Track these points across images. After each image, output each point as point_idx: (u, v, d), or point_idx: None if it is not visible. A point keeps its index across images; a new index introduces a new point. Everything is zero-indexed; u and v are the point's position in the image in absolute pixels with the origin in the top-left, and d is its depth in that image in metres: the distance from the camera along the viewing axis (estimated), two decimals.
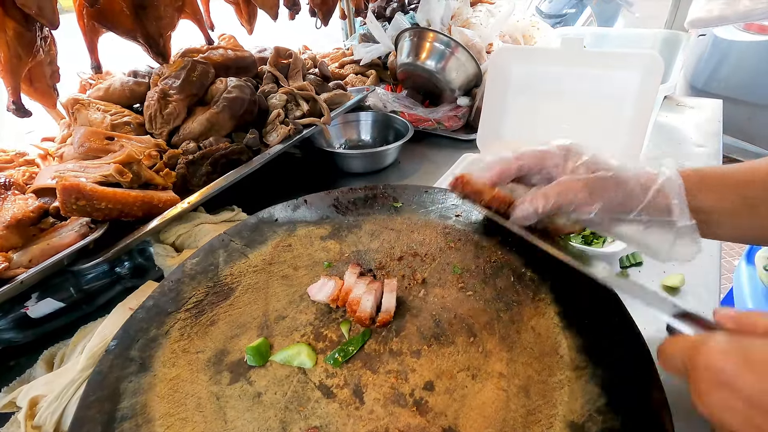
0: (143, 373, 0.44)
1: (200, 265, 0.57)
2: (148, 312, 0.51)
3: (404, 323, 0.48)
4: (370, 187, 0.69)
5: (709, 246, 0.71)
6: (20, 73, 0.69)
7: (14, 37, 0.66)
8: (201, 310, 0.51)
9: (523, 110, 0.89)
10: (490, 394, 0.40)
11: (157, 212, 0.67)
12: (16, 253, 0.57)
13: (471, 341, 0.45)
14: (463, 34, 1.17)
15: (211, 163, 0.79)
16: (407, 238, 0.60)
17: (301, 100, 0.96)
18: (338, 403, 0.41)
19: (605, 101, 0.79)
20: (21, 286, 0.53)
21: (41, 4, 0.63)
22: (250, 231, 0.63)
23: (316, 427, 0.39)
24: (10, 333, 0.59)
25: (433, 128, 1.17)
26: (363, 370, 0.44)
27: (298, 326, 0.49)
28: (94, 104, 0.83)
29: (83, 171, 0.66)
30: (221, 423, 0.40)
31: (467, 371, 0.42)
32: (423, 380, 0.42)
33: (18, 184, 0.68)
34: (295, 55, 1.06)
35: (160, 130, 0.84)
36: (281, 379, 0.44)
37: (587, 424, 0.36)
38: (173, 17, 0.88)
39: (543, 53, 0.87)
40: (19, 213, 0.57)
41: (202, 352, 0.47)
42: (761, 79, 2.16)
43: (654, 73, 0.73)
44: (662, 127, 1.17)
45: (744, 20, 1.05)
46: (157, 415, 0.40)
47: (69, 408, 0.46)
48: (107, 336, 0.54)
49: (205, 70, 0.88)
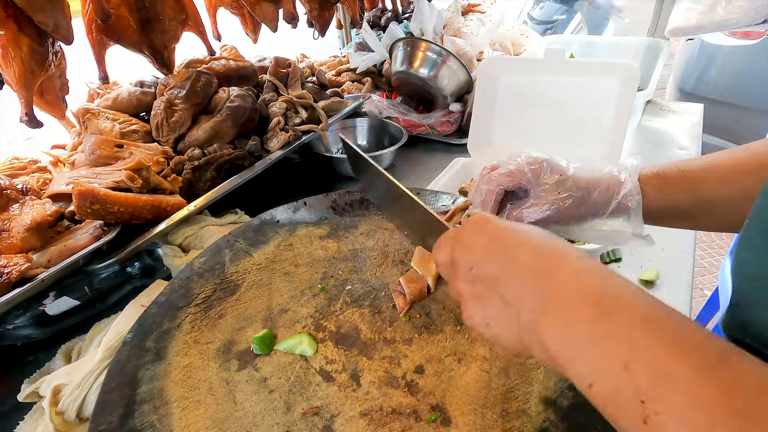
0: (159, 362, 0.49)
1: (208, 263, 0.62)
2: (161, 307, 0.55)
3: (397, 314, 0.52)
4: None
5: (684, 241, 0.75)
6: (33, 87, 0.74)
7: (28, 52, 0.70)
8: (210, 304, 0.56)
9: (511, 116, 0.93)
10: (474, 375, 0.44)
11: (165, 215, 0.72)
12: (35, 254, 0.61)
13: (458, 329, 0.49)
14: (454, 43, 1.22)
15: (215, 168, 0.83)
16: (400, 237, 0.64)
17: (300, 108, 1.00)
18: (337, 386, 0.45)
19: (587, 108, 0.84)
20: (41, 284, 0.57)
21: (57, 22, 0.68)
22: (253, 232, 0.67)
23: (318, 407, 0.43)
24: (29, 329, 0.63)
25: (426, 133, 1.21)
26: (359, 356, 0.48)
27: (299, 318, 0.53)
28: (104, 113, 0.88)
29: (96, 177, 0.70)
30: (231, 405, 0.44)
31: (454, 356, 0.47)
32: (414, 364, 0.46)
33: (34, 189, 0.72)
34: (294, 64, 1.11)
35: (167, 138, 0.88)
36: (285, 365, 0.48)
37: (559, 399, 0.41)
38: (177, 30, 0.93)
39: (528, 63, 0.92)
40: (38, 217, 0.61)
41: (211, 343, 0.51)
42: (746, 82, 2.23)
43: (631, 81, 0.77)
44: (646, 131, 1.22)
45: (719, 29, 1.11)
46: (173, 398, 0.45)
47: (90, 395, 0.50)
48: (121, 330, 0.57)
49: (208, 81, 0.92)
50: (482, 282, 0.33)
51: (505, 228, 0.33)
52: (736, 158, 0.43)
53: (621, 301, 0.26)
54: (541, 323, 0.28)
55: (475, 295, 0.34)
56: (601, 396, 0.25)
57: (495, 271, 0.32)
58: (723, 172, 0.43)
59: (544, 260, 0.30)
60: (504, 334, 0.32)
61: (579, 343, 0.26)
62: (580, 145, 0.86)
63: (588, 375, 0.26)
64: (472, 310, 0.34)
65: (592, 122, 0.84)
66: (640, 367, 0.23)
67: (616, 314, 0.26)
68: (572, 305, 0.27)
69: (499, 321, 0.32)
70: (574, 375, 0.27)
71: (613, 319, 0.25)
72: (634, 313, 0.25)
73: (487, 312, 0.32)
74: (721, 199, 0.43)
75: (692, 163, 0.45)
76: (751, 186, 0.39)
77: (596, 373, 0.25)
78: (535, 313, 0.29)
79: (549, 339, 0.28)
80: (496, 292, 0.32)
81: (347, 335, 0.50)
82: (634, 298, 0.26)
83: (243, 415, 0.43)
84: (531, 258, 0.31)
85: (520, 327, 0.30)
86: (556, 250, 0.31)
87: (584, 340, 0.26)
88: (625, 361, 0.24)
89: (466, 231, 0.35)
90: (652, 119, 1.29)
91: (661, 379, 0.22)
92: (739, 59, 2.28)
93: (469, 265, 0.33)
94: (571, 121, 0.87)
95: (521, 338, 0.30)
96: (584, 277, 0.28)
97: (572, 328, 0.27)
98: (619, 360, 0.24)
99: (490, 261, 0.32)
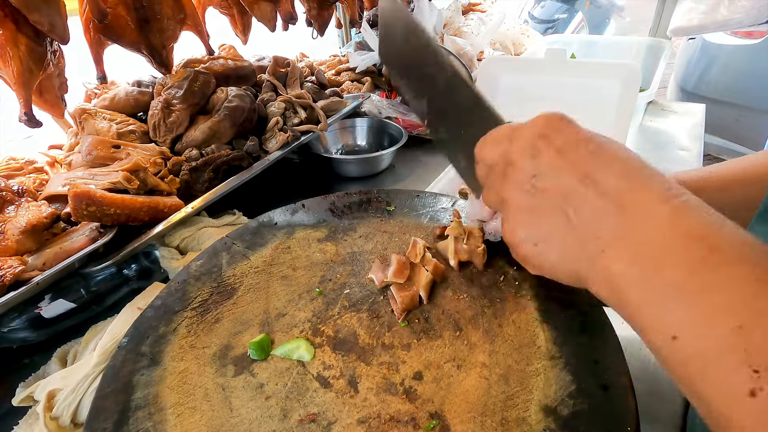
0: (154, 367, 0.48)
1: (204, 266, 0.61)
2: (157, 311, 0.54)
3: (395, 319, 0.52)
4: (365, 192, 0.72)
5: None
6: (32, 86, 0.73)
7: (26, 52, 0.70)
8: (206, 308, 0.55)
9: (511, 117, 0.92)
10: (474, 382, 0.44)
11: (162, 217, 0.71)
12: (31, 256, 0.60)
13: (457, 335, 0.49)
14: (455, 43, 1.21)
15: (213, 169, 0.82)
16: (399, 240, 0.63)
17: (299, 108, 1.00)
18: (334, 393, 0.44)
19: (588, 109, 0.83)
20: (36, 287, 0.57)
21: (53, 21, 0.67)
22: (251, 234, 0.66)
23: (315, 413, 0.43)
24: (25, 332, 0.62)
25: (426, 133, 1.21)
26: (357, 362, 0.47)
27: (297, 323, 0.53)
28: (101, 113, 0.87)
29: (92, 178, 0.70)
30: (227, 411, 0.44)
31: (453, 362, 0.46)
32: (412, 371, 0.46)
33: (30, 191, 0.72)
34: (293, 63, 1.10)
35: (164, 138, 0.87)
36: (282, 371, 0.47)
37: (559, 407, 0.40)
38: (175, 30, 0.92)
39: (529, 63, 0.92)
40: (33, 219, 0.61)
41: (208, 348, 0.50)
42: (748, 82, 2.22)
43: (632, 81, 0.77)
44: (647, 131, 1.21)
45: (721, 29, 1.10)
46: (168, 404, 0.44)
47: (84, 400, 0.50)
48: (118, 334, 0.57)
49: (206, 80, 0.92)
50: (544, 194, 0.28)
51: (587, 137, 0.28)
52: (735, 168, 0.42)
53: (734, 250, 0.22)
54: (617, 258, 0.24)
55: (529, 208, 0.29)
56: (687, 352, 0.21)
57: (566, 185, 0.27)
58: (722, 181, 0.42)
59: (638, 189, 0.25)
60: (556, 258, 0.28)
61: (671, 288, 0.22)
62: None
63: (674, 325, 0.22)
64: (519, 224, 0.29)
65: (593, 123, 0.83)
66: (761, 332, 0.19)
67: (730, 264, 0.21)
68: (670, 244, 0.23)
69: (553, 242, 0.27)
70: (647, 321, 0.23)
71: (726, 269, 0.21)
72: (754, 267, 0.21)
73: (540, 229, 0.28)
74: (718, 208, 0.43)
75: (691, 174, 0.45)
76: (750, 195, 0.39)
77: (689, 325, 0.21)
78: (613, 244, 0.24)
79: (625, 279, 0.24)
80: (560, 209, 0.27)
81: (345, 340, 0.50)
82: (756, 248, 0.22)
83: (239, 421, 0.42)
84: (618, 182, 0.25)
85: (585, 255, 0.26)
86: (653, 180, 0.25)
87: (680, 286, 0.22)
88: (740, 320, 0.20)
89: (535, 128, 0.29)
90: (653, 119, 1.28)
91: None
92: (741, 59, 2.27)
93: (531, 172, 0.28)
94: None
95: (579, 268, 0.26)
96: (690, 215, 0.23)
97: (665, 271, 0.23)
98: (732, 317, 0.20)
99: (562, 173, 0.27)
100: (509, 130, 0.32)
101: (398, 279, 0.53)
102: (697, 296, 0.21)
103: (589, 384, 0.41)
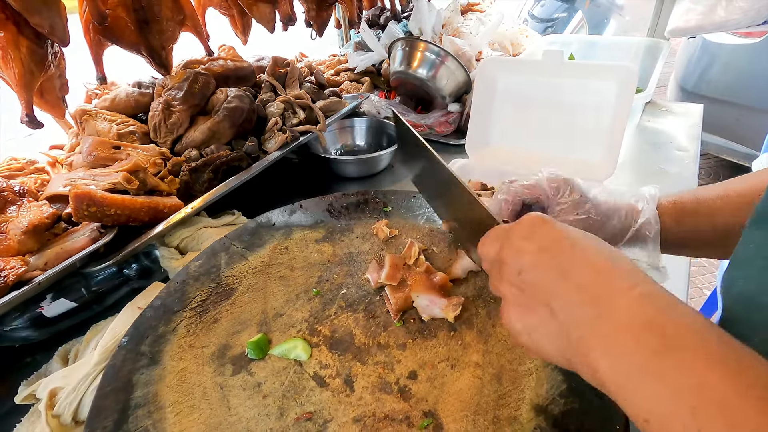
0: (153, 366, 0.49)
1: (203, 267, 0.62)
2: (156, 311, 0.55)
3: (391, 319, 0.52)
4: (362, 193, 0.73)
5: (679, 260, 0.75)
6: (33, 88, 0.74)
7: (28, 54, 0.71)
8: (205, 308, 0.56)
9: (509, 118, 0.93)
10: (467, 381, 0.45)
11: (162, 217, 0.72)
12: (32, 256, 0.61)
13: (451, 335, 0.50)
14: (453, 43, 1.22)
15: (212, 169, 0.83)
16: (396, 241, 0.64)
17: (298, 108, 1.00)
18: (331, 392, 0.45)
19: (585, 110, 0.84)
20: (38, 287, 0.58)
21: (53, 24, 0.68)
22: (249, 235, 0.67)
23: (311, 412, 0.44)
24: (27, 331, 0.63)
25: (425, 133, 1.21)
26: (353, 361, 0.48)
27: (294, 323, 0.53)
28: (101, 114, 0.88)
29: (93, 179, 0.71)
30: (225, 410, 0.44)
31: (447, 361, 0.47)
32: (407, 370, 0.46)
33: (31, 191, 0.73)
34: (292, 64, 1.10)
35: (164, 139, 0.88)
36: (279, 370, 0.48)
37: (550, 406, 0.41)
38: (175, 31, 0.93)
39: (526, 64, 0.92)
40: (35, 219, 0.61)
41: (206, 347, 0.51)
42: (748, 82, 2.21)
43: (629, 83, 0.77)
44: (645, 131, 1.21)
45: (719, 30, 1.10)
46: (167, 403, 0.45)
47: (85, 398, 0.50)
48: (118, 333, 0.58)
49: (206, 81, 0.92)
50: (530, 289, 0.31)
51: (563, 235, 0.31)
52: (752, 185, 0.42)
53: (688, 335, 0.24)
54: (593, 346, 0.27)
55: (520, 302, 0.32)
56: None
57: (546, 281, 0.30)
58: (739, 199, 0.42)
59: (605, 282, 0.28)
60: (548, 346, 0.30)
61: (636, 373, 0.24)
62: (577, 147, 0.86)
63: (644, 409, 0.24)
64: (514, 316, 0.32)
65: (590, 124, 0.84)
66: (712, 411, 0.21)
67: (681, 349, 0.24)
68: (632, 333, 0.25)
69: (543, 332, 0.30)
70: (626, 405, 0.25)
71: (677, 353, 0.24)
72: (701, 350, 0.23)
73: (531, 321, 0.31)
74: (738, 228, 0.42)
75: (708, 192, 0.45)
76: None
77: (654, 408, 0.23)
78: (588, 334, 0.27)
79: (601, 364, 0.26)
80: (545, 303, 0.30)
81: (341, 340, 0.51)
82: (703, 332, 0.24)
83: (237, 420, 0.43)
84: (590, 277, 0.28)
85: (569, 343, 0.28)
86: (618, 271, 0.28)
87: (642, 371, 0.24)
88: (691, 403, 0.22)
89: (519, 230, 0.33)
90: (651, 119, 1.28)
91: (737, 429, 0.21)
92: (741, 58, 2.27)
93: (517, 269, 0.31)
94: (569, 122, 0.87)
95: (568, 355, 0.29)
96: (648, 304, 0.26)
97: (629, 356, 0.25)
98: (685, 400, 0.22)
99: (543, 270, 0.30)
100: (502, 231, 0.35)
101: (391, 282, 0.54)
102: (659, 380, 0.24)
103: (580, 383, 0.42)
